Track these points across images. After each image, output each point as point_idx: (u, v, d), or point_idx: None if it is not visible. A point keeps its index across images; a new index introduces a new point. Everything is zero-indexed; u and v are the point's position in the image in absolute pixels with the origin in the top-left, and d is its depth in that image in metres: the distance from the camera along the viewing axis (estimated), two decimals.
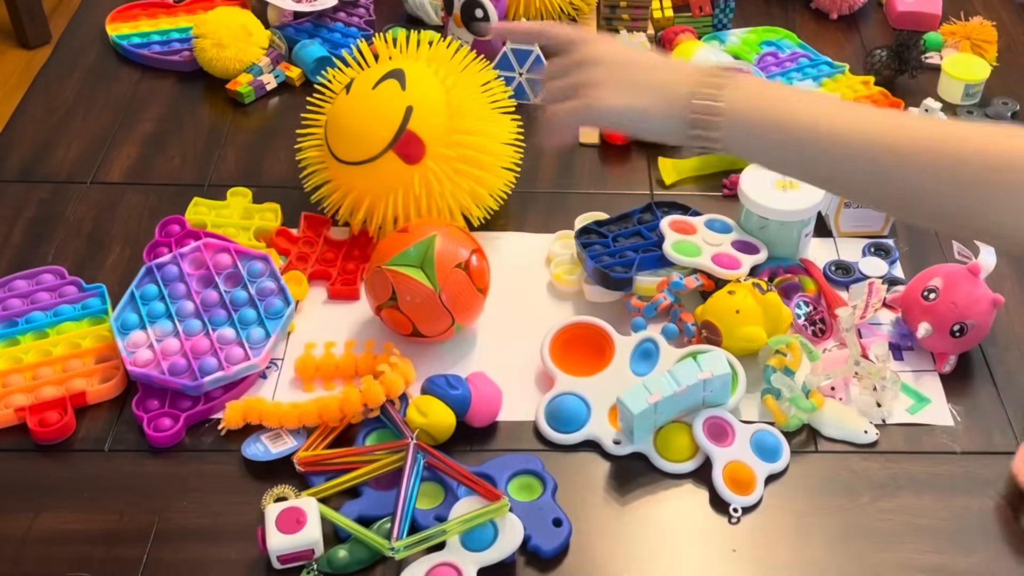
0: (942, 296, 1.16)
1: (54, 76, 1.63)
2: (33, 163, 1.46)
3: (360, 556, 1.00)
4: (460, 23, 1.56)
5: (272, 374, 1.18)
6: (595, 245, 1.27)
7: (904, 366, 1.20)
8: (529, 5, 1.65)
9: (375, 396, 1.09)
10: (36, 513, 1.05)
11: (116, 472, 1.09)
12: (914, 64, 1.57)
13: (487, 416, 1.12)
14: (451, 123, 1.25)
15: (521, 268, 1.30)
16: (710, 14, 1.68)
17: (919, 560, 1.02)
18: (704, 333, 1.18)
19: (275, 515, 0.99)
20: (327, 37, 1.65)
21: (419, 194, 1.24)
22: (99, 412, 1.14)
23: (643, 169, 1.46)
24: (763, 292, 1.16)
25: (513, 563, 1.00)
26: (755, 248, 1.27)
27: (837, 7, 1.74)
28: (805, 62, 1.62)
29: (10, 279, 1.26)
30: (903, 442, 1.12)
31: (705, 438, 1.08)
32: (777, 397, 1.12)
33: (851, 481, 1.08)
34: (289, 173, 1.41)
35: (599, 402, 1.13)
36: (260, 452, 1.09)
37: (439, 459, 1.05)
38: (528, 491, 1.05)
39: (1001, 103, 1.56)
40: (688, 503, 1.06)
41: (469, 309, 1.18)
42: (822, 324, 1.22)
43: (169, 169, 1.45)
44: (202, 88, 1.60)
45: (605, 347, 1.18)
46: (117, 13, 1.72)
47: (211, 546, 1.02)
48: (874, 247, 1.33)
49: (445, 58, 1.31)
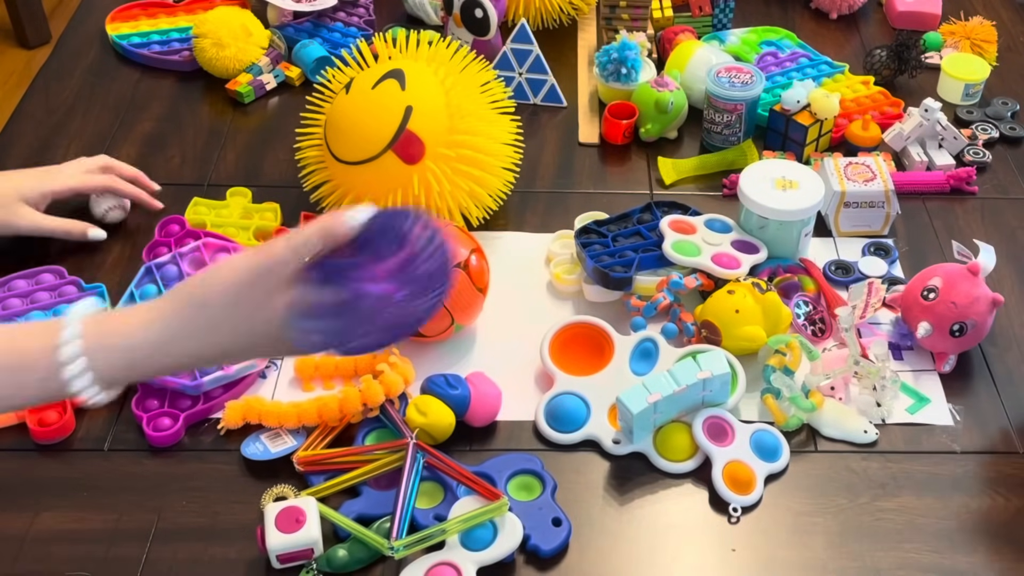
0: (942, 296, 1.16)
1: (54, 76, 1.63)
2: (33, 163, 1.45)
3: (359, 556, 1.00)
4: (460, 23, 1.56)
5: (271, 374, 1.18)
6: (595, 245, 1.27)
7: (904, 366, 1.20)
8: (529, 5, 1.66)
9: (374, 396, 1.09)
10: (36, 513, 1.05)
11: (115, 472, 1.09)
12: (914, 64, 1.57)
13: (487, 416, 1.12)
14: (451, 123, 1.25)
15: (521, 268, 1.30)
16: (710, 14, 1.68)
17: (919, 560, 1.02)
18: (704, 333, 1.18)
19: (274, 514, 0.99)
20: (327, 37, 1.65)
21: (418, 194, 1.24)
22: (98, 412, 1.14)
23: (643, 169, 1.46)
24: (763, 292, 1.16)
25: (512, 563, 1.00)
26: (755, 248, 1.27)
27: (837, 7, 1.74)
28: (805, 62, 1.62)
29: (10, 279, 1.26)
30: (903, 442, 1.12)
31: (705, 438, 1.08)
32: (777, 397, 1.12)
33: (851, 481, 1.08)
34: (289, 173, 1.41)
35: (599, 402, 1.13)
36: (259, 452, 1.09)
37: (439, 459, 1.05)
38: (528, 491, 1.05)
39: (1001, 103, 1.56)
40: (688, 503, 1.06)
41: (469, 309, 1.18)
42: (822, 324, 1.22)
43: (169, 169, 1.45)
44: (202, 88, 1.60)
45: (605, 347, 1.18)
46: (117, 13, 1.72)
47: (210, 545, 1.02)
48: (874, 247, 1.33)
49: (445, 58, 1.31)
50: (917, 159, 1.44)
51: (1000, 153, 1.49)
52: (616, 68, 1.50)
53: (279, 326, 0.82)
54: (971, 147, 1.48)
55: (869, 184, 1.34)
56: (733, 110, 1.44)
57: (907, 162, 1.46)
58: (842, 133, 1.48)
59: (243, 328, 0.83)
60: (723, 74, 1.45)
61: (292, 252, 0.82)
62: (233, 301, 0.82)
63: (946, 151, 1.46)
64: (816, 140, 1.44)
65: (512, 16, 1.66)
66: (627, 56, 1.49)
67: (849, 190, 1.33)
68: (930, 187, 1.42)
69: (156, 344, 0.83)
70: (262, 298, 0.82)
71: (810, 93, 1.42)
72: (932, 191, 1.42)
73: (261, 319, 0.83)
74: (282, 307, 0.82)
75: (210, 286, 0.84)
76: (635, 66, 1.50)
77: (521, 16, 1.65)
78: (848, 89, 1.56)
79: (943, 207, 1.41)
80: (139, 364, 0.84)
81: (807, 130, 1.42)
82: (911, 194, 1.41)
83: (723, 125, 1.45)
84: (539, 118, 1.55)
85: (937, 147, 1.46)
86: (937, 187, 1.43)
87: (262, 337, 0.84)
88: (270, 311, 0.82)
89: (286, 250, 0.82)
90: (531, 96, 1.56)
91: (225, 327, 0.83)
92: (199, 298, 0.84)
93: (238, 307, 0.82)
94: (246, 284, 0.82)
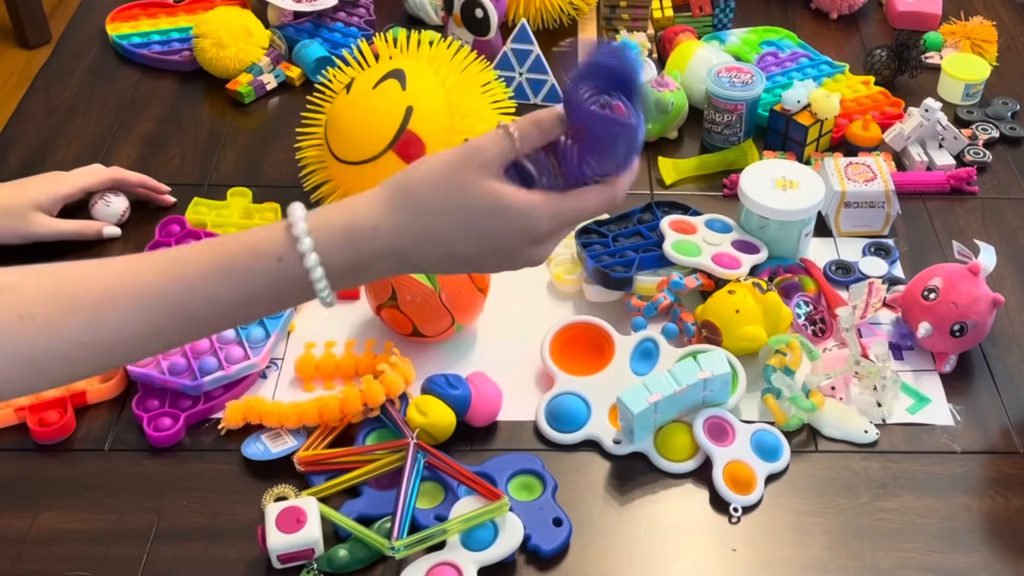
0: (942, 296, 1.16)
1: (54, 76, 1.63)
2: (33, 163, 1.46)
3: (360, 556, 1.00)
4: (460, 23, 1.56)
5: (272, 374, 1.18)
6: (595, 245, 1.27)
7: (904, 366, 1.20)
8: (529, 5, 1.66)
9: (375, 396, 1.09)
10: (36, 513, 1.05)
11: (116, 472, 1.09)
12: (914, 64, 1.57)
13: (487, 416, 1.12)
14: (451, 123, 1.25)
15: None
16: (710, 14, 1.68)
17: (919, 560, 1.02)
18: (704, 333, 1.18)
19: (275, 514, 0.99)
20: (327, 37, 1.65)
21: None
22: (99, 412, 1.14)
23: (643, 169, 1.46)
24: (763, 292, 1.16)
25: (513, 563, 1.00)
26: (755, 248, 1.27)
27: (837, 7, 1.74)
28: (805, 62, 1.62)
29: None
30: (903, 442, 1.12)
31: (705, 438, 1.08)
32: (777, 397, 1.12)
33: (851, 481, 1.08)
34: (289, 173, 1.41)
35: (599, 402, 1.13)
36: (260, 452, 1.09)
37: (439, 459, 1.05)
38: (528, 491, 1.05)
39: (1001, 103, 1.56)
40: (688, 503, 1.06)
41: (469, 309, 1.18)
42: (822, 324, 1.22)
43: (169, 169, 1.45)
44: (202, 88, 1.60)
45: (605, 347, 1.18)
46: (117, 13, 1.72)
47: (211, 546, 1.02)
48: (874, 247, 1.33)
49: (445, 58, 1.31)
50: (917, 159, 1.44)
51: (1000, 153, 1.49)
52: None
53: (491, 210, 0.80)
54: (971, 147, 1.48)
55: (869, 184, 1.34)
56: (733, 110, 1.44)
57: (907, 162, 1.46)
58: (842, 133, 1.48)
59: (458, 209, 0.80)
60: (723, 74, 1.45)
61: (500, 136, 0.80)
62: (444, 181, 0.80)
63: (946, 151, 1.46)
64: (816, 140, 1.44)
65: (512, 16, 1.66)
66: None
67: (849, 190, 1.33)
68: (930, 187, 1.42)
69: (375, 227, 0.80)
70: (473, 177, 0.80)
71: (810, 93, 1.42)
72: (932, 191, 1.42)
73: (472, 198, 0.80)
74: (496, 191, 0.79)
75: (416, 169, 0.82)
76: None
77: (521, 16, 1.65)
78: (848, 89, 1.56)
79: (943, 207, 1.41)
80: (364, 249, 0.80)
81: (807, 130, 1.42)
82: (911, 194, 1.41)
83: (723, 125, 1.45)
84: None
85: (937, 147, 1.46)
86: (937, 187, 1.43)
87: (478, 218, 0.80)
88: (481, 192, 0.80)
89: (494, 134, 0.81)
90: (531, 96, 1.56)
91: (437, 208, 0.80)
92: (403, 182, 0.81)
93: (449, 185, 0.80)
94: (456, 164, 0.80)
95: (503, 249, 0.83)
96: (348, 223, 0.81)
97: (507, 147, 0.81)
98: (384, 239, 0.81)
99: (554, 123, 0.83)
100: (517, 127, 0.81)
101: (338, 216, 0.81)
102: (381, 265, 0.82)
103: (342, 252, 0.80)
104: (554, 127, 0.83)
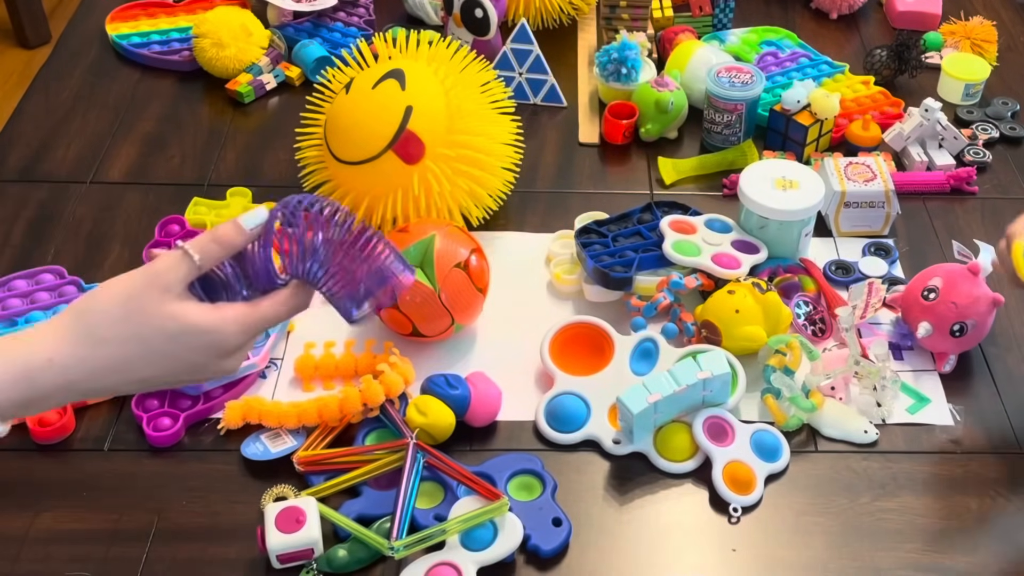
0: (942, 296, 1.16)
1: (54, 76, 1.63)
2: (33, 163, 1.46)
3: (360, 556, 0.99)
4: (460, 23, 1.56)
5: (272, 374, 1.18)
6: (595, 245, 1.27)
7: (904, 366, 1.19)
8: (529, 5, 1.66)
9: (375, 396, 1.09)
10: (36, 513, 1.05)
11: (115, 472, 1.09)
12: (914, 64, 1.57)
13: (487, 416, 1.12)
14: (451, 123, 1.25)
15: (521, 268, 1.30)
16: (710, 14, 1.68)
17: (919, 560, 1.02)
18: (704, 333, 1.18)
19: (274, 514, 0.99)
20: (327, 37, 1.65)
21: (418, 194, 1.24)
22: (98, 412, 1.14)
23: (643, 169, 1.46)
24: (763, 292, 1.16)
25: (513, 563, 1.00)
26: (755, 248, 1.27)
27: (837, 7, 1.74)
28: (805, 62, 1.62)
29: (10, 279, 1.26)
30: (903, 442, 1.12)
31: (705, 438, 1.08)
32: (777, 397, 1.12)
33: (851, 481, 1.08)
34: (289, 173, 1.41)
35: (599, 402, 1.13)
36: (259, 452, 1.09)
37: (439, 459, 1.05)
38: (528, 491, 1.05)
39: (1001, 103, 1.56)
40: (688, 503, 1.06)
41: (469, 309, 1.18)
42: (822, 324, 1.22)
43: (169, 169, 1.45)
44: (202, 88, 1.60)
45: (605, 347, 1.18)
46: (117, 13, 1.72)
47: (210, 545, 1.02)
48: (874, 247, 1.33)
49: (445, 58, 1.31)
50: (917, 159, 1.44)
51: (1000, 153, 1.49)
52: (616, 68, 1.50)
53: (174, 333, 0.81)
54: (971, 147, 1.48)
55: (869, 184, 1.34)
56: (733, 110, 1.44)
57: (907, 162, 1.46)
58: (842, 133, 1.48)
59: (140, 337, 0.81)
60: (723, 74, 1.45)
61: (179, 258, 0.81)
62: (122, 311, 0.81)
63: (946, 151, 1.46)
64: (816, 140, 1.44)
65: (512, 16, 1.66)
66: (627, 56, 1.49)
67: (849, 190, 1.33)
68: (930, 187, 1.42)
69: (49, 360, 0.81)
70: (154, 303, 0.81)
71: (810, 93, 1.42)
72: (932, 191, 1.42)
73: (153, 326, 0.81)
74: (178, 314, 0.81)
75: (95, 298, 0.82)
76: (635, 66, 1.50)
77: (521, 16, 1.65)
78: (848, 89, 1.56)
79: (943, 207, 1.41)
80: (38, 383, 0.81)
81: (807, 130, 1.42)
82: (911, 194, 1.41)
83: (723, 125, 1.45)
84: (539, 118, 1.55)
85: (937, 147, 1.46)
86: (937, 187, 1.43)
87: (162, 343, 0.82)
88: (162, 318, 0.81)
89: (173, 256, 0.82)
90: (531, 96, 1.56)
91: (120, 338, 0.81)
92: (83, 311, 0.82)
93: (127, 316, 0.81)
94: (135, 291, 0.81)
95: (194, 366, 0.84)
96: (25, 359, 0.81)
97: (188, 268, 0.82)
98: (58, 372, 0.81)
99: (233, 237, 0.84)
100: (196, 246, 0.82)
101: (14, 351, 0.81)
102: (56, 397, 0.83)
103: (14, 387, 0.81)
104: (234, 241, 0.84)
